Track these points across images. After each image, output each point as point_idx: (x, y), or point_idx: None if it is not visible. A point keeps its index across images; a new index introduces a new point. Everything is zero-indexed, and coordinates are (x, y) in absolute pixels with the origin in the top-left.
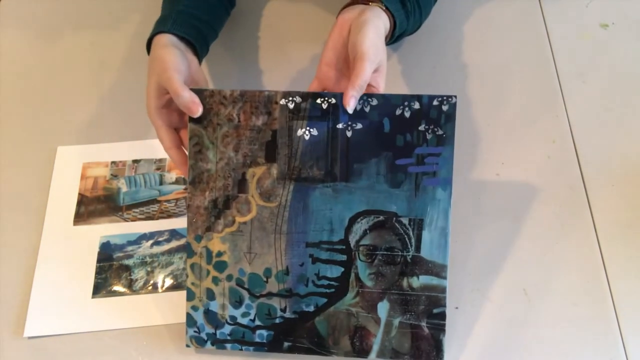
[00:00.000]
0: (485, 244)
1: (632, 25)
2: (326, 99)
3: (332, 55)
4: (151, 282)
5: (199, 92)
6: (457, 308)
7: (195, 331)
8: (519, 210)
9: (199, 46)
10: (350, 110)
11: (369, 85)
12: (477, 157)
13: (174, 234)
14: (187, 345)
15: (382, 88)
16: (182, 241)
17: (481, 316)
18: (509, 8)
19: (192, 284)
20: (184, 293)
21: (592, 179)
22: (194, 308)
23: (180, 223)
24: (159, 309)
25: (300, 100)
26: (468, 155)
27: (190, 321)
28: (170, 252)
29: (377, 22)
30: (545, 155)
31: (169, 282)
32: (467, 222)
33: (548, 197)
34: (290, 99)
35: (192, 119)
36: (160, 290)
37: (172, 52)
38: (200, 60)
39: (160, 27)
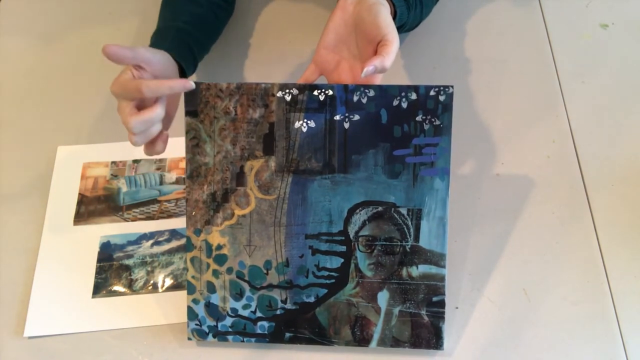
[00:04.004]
0: (485, 243)
1: (632, 26)
2: (323, 90)
3: (332, 37)
4: (151, 282)
5: (195, 85)
6: (457, 308)
7: (196, 324)
8: (518, 210)
9: (188, 71)
10: (363, 74)
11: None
12: (477, 157)
13: (174, 234)
14: (189, 338)
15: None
16: (183, 241)
17: (481, 316)
18: (509, 8)
19: (193, 277)
20: (184, 293)
21: (592, 179)
22: (195, 301)
23: (180, 223)
24: (159, 308)
25: (297, 92)
26: (468, 155)
27: (192, 314)
28: (170, 252)
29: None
30: (545, 155)
31: (169, 282)
32: (467, 221)
33: (548, 197)
34: (287, 91)
35: (188, 113)
36: (160, 290)
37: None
38: None
39: (159, 45)
